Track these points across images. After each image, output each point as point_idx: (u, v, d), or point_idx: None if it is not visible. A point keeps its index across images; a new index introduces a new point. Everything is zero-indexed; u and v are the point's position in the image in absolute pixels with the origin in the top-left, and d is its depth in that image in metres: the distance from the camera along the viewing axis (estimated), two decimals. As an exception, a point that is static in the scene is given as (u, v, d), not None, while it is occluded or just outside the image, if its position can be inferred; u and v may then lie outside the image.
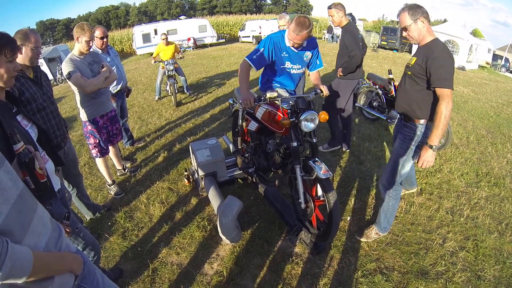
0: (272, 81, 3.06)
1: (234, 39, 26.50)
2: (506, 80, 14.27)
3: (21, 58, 1.97)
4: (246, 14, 41.82)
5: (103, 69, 2.85)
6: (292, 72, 2.95)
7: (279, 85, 3.05)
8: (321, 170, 2.18)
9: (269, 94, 2.39)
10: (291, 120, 2.33)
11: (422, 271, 2.30)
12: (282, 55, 2.81)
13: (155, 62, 6.80)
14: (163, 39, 6.80)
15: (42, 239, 0.98)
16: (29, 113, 1.99)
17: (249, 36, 23.00)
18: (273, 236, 2.63)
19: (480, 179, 3.68)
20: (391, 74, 4.32)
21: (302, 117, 2.26)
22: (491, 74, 16.43)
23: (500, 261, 2.42)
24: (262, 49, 2.75)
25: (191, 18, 21.44)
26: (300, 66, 2.93)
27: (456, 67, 16.11)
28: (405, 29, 2.11)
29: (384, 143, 4.56)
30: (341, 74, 3.73)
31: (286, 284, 2.19)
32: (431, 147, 2.04)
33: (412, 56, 2.21)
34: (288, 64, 2.88)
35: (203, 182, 3.07)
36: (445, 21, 24.25)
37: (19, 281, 0.84)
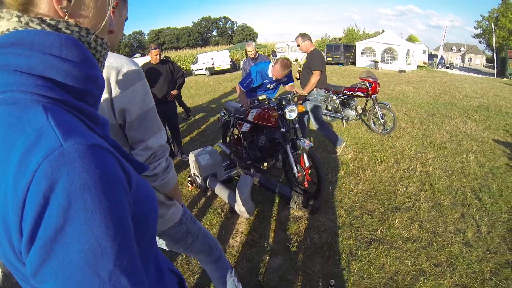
0: (255, 91, 3.89)
1: (187, 73, 26.84)
2: (442, 74, 16.76)
3: None
4: (194, 48, 43.23)
5: None
6: (270, 88, 3.89)
7: (259, 93, 3.83)
8: (305, 143, 2.90)
9: (260, 97, 3.25)
10: (278, 112, 3.06)
11: (395, 208, 3.03)
12: (265, 81, 3.71)
13: None
14: None
15: None
16: None
17: (202, 69, 22.80)
18: (277, 209, 3.20)
19: (426, 147, 4.66)
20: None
21: (286, 109, 3.02)
22: (429, 72, 19.12)
23: (452, 192, 3.27)
24: (251, 79, 3.64)
25: (144, 56, 21.34)
26: (276, 83, 3.84)
27: (397, 71, 18.89)
28: (299, 45, 4.11)
29: (343, 136, 5.44)
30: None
31: (298, 236, 2.75)
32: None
33: (304, 58, 4.26)
34: (268, 85, 3.80)
35: (207, 182, 3.58)
36: (383, 31, 27.19)
37: (166, 190, 1.26)
